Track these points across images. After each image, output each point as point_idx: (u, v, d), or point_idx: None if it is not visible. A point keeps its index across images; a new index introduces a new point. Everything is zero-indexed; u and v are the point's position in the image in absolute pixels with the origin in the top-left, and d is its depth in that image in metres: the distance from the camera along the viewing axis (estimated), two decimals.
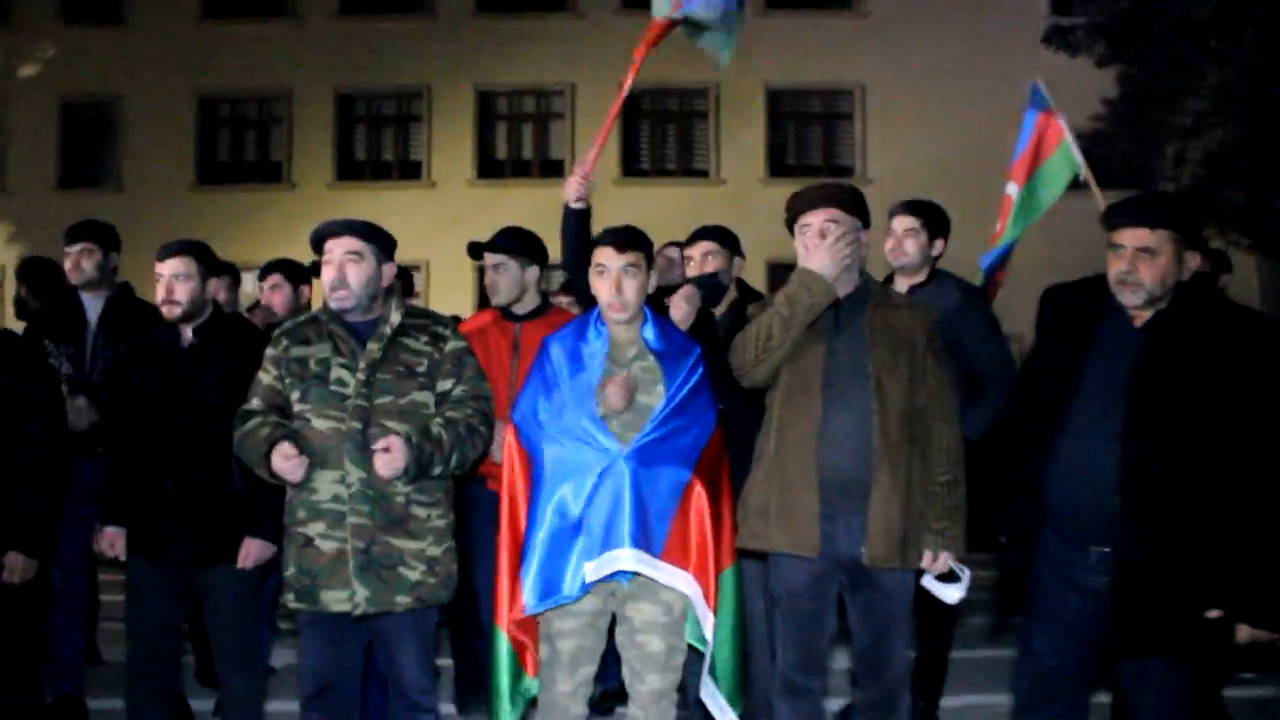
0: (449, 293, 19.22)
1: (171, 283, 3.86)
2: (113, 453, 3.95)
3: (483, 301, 15.53)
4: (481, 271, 5.31)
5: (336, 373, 3.48)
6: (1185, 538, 3.06)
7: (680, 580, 3.48)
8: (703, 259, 4.60)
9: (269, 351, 3.60)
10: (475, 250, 4.63)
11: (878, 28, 19.81)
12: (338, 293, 3.51)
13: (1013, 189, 6.37)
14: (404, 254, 5.30)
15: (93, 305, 4.82)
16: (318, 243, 3.58)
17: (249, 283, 6.42)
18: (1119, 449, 3.11)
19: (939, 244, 4.65)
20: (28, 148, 21.66)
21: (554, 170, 20.22)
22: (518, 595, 3.54)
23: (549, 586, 3.49)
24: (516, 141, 20.85)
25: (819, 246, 3.42)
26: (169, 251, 3.93)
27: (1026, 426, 3.35)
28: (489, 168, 20.63)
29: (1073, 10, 15.93)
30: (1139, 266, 3.15)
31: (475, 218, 19.30)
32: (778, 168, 20.31)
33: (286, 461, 3.35)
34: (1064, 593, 3.29)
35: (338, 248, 3.54)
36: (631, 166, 20.53)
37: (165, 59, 21.06)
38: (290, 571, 3.49)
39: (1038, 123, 6.29)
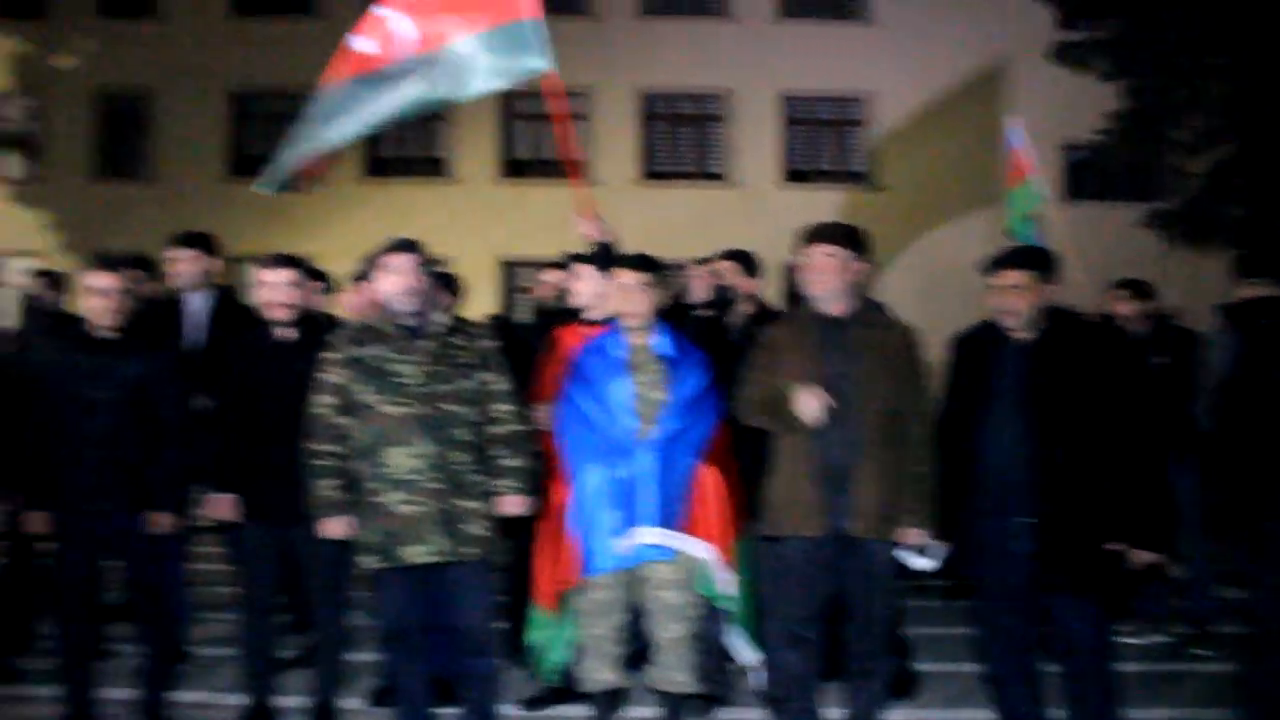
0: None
1: (279, 290, 4.56)
2: (222, 432, 4.64)
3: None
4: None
5: (398, 368, 4.19)
6: (1083, 498, 3.99)
7: (700, 548, 4.29)
8: (725, 275, 5.32)
9: (331, 354, 4.29)
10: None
11: (887, 37, 20.36)
12: (405, 298, 4.21)
13: None
14: (431, 249, 5.84)
15: (199, 305, 5.49)
16: (381, 256, 4.25)
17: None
18: (1028, 440, 4.00)
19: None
20: (64, 138, 22.35)
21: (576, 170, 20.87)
22: (560, 567, 4.38)
23: (589, 559, 4.31)
24: (541, 141, 21.47)
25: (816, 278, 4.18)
26: (275, 262, 4.61)
27: (954, 436, 4.19)
28: (514, 167, 21.29)
29: (1078, 26, 16.45)
30: (1013, 299, 4.06)
31: (499, 215, 20.01)
32: (792, 173, 20.91)
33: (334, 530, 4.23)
34: (1001, 562, 4.07)
35: (403, 261, 4.22)
36: (649, 169, 21.14)
37: (197, 53, 21.66)
38: (369, 535, 4.20)
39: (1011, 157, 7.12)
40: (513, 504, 4.31)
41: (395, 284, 4.23)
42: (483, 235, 19.64)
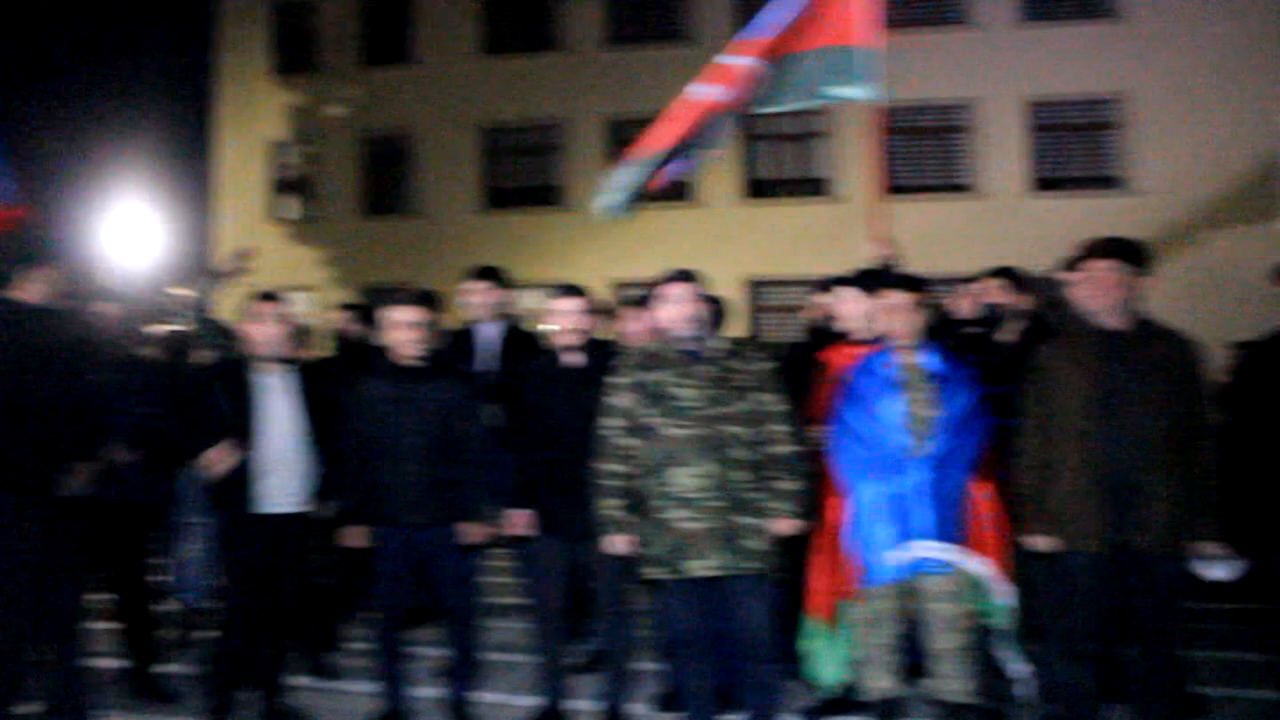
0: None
1: (570, 318, 4.90)
2: (517, 453, 5.00)
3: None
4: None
5: (680, 391, 4.42)
6: None
7: (973, 562, 4.37)
8: (993, 292, 5.36)
9: (618, 379, 4.57)
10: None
11: (1137, 34, 19.55)
12: (684, 324, 4.45)
13: None
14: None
15: (491, 334, 5.93)
16: (660, 286, 4.52)
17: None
18: None
19: None
20: (335, 180, 24.06)
21: (818, 189, 20.97)
22: (836, 580, 4.60)
23: (866, 572, 4.49)
24: (781, 161, 21.58)
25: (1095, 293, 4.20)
26: (565, 292, 4.97)
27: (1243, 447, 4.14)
28: (757, 187, 21.49)
29: None
30: None
31: (743, 237, 20.27)
32: (1041, 181, 20.26)
33: (618, 546, 4.50)
34: None
35: (681, 290, 4.47)
36: (894, 183, 20.88)
37: (451, 94, 22.96)
38: (653, 548, 4.45)
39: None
40: (785, 526, 4.48)
41: (675, 312, 4.48)
42: (728, 256, 19.95)
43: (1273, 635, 4.32)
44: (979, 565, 4.40)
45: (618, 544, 4.55)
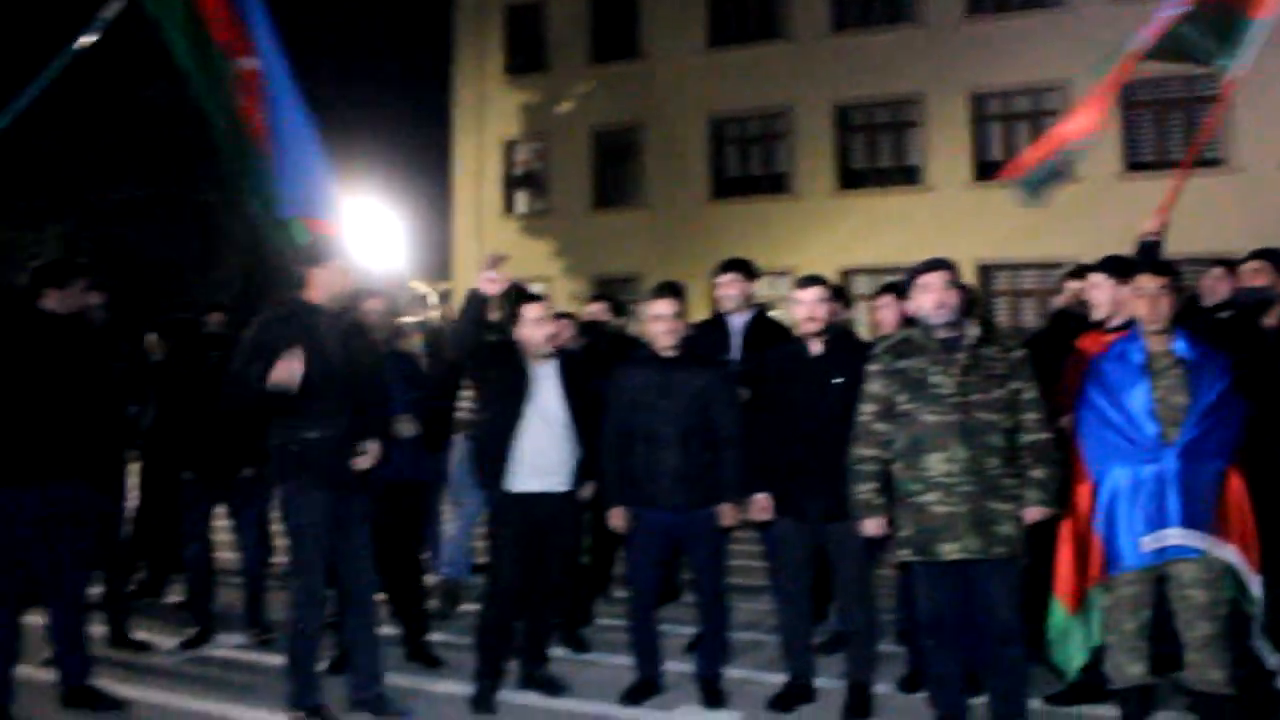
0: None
1: (812, 307, 5.06)
2: (759, 438, 5.19)
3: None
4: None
5: (935, 378, 4.50)
6: None
7: (1226, 551, 4.31)
8: (1252, 275, 5.19)
9: (874, 366, 4.69)
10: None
11: None
12: (940, 312, 4.52)
13: None
14: (908, 256, 6.11)
15: (739, 324, 6.14)
16: (916, 275, 4.60)
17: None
18: None
19: None
20: (567, 175, 24.88)
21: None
22: (1085, 565, 4.55)
23: (1116, 557, 4.44)
24: (1013, 142, 21.04)
25: None
26: (807, 282, 5.13)
27: None
28: (985, 170, 21.01)
29: None
30: None
31: (974, 220, 19.85)
32: None
33: (871, 529, 4.65)
34: None
35: (937, 279, 4.55)
36: (1133, 160, 20.14)
37: (678, 86, 23.37)
38: (907, 532, 4.55)
39: None
40: (1035, 514, 4.50)
41: (929, 300, 4.57)
42: (958, 240, 19.60)
43: None
44: (1231, 553, 4.31)
45: (870, 526, 4.68)
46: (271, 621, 6.52)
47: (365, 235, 20.58)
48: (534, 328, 5.28)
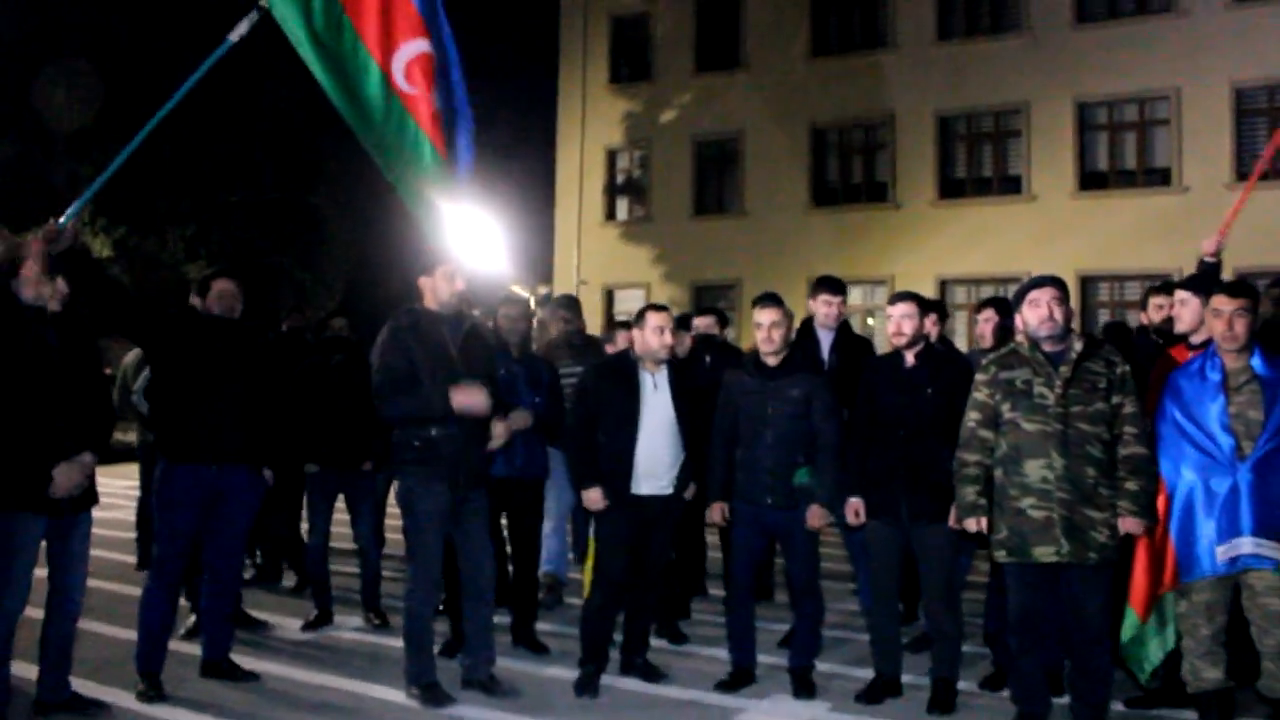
0: None
1: (901, 321, 5.32)
2: (853, 444, 5.45)
3: None
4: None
5: (1038, 389, 4.73)
6: None
7: None
8: None
9: (980, 376, 4.95)
10: None
11: None
12: (1046, 325, 4.76)
13: None
14: (1008, 267, 6.23)
15: (826, 335, 6.43)
16: (1027, 291, 4.86)
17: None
18: None
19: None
20: (667, 182, 25.23)
21: (1158, 179, 20.07)
22: (1160, 572, 4.78)
23: (1191, 565, 4.66)
24: (1118, 151, 20.85)
25: None
26: (898, 298, 5.39)
27: None
28: (1090, 180, 20.85)
29: None
30: None
31: (1076, 230, 19.74)
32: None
33: (970, 526, 4.87)
34: None
35: (1045, 295, 4.78)
36: (1243, 170, 19.70)
37: (779, 96, 23.58)
38: (1003, 534, 4.79)
39: None
40: (1130, 525, 4.68)
41: (1036, 315, 4.80)
42: (1060, 250, 19.52)
43: None
44: None
45: (972, 525, 4.89)
46: (385, 607, 6.94)
47: (471, 240, 21.15)
48: (654, 336, 5.59)
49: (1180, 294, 5.29)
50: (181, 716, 5.17)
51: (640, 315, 5.70)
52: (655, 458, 5.53)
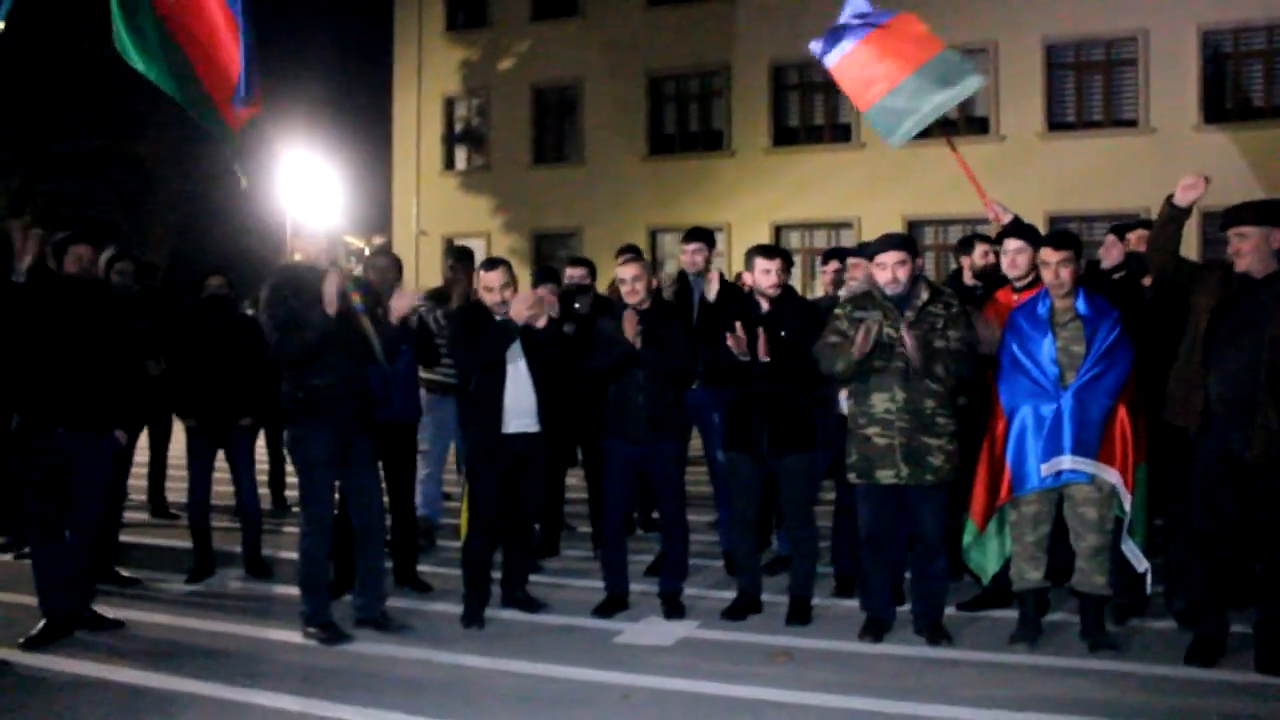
0: None
1: (766, 275, 5.81)
2: (715, 383, 5.95)
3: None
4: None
5: (885, 330, 5.31)
6: None
7: (1110, 474, 5.21)
8: (1138, 241, 6.04)
9: (839, 311, 5.53)
10: None
11: None
12: (890, 286, 5.37)
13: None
14: (837, 212, 6.59)
15: (697, 284, 6.92)
16: (875, 253, 5.45)
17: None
18: None
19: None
20: (506, 131, 25.27)
21: (1126, 121, 21.05)
22: (995, 487, 5.42)
23: (1023, 480, 5.32)
24: (1085, 93, 21.05)
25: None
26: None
27: None
28: (1057, 125, 21.04)
29: None
30: None
31: (904, 178, 20.53)
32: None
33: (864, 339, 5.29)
34: None
35: (890, 259, 5.35)
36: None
37: (617, 44, 23.79)
38: (853, 458, 5.40)
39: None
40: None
41: (883, 276, 5.41)
42: (890, 197, 20.40)
43: None
44: (1114, 476, 5.19)
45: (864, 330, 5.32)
46: (266, 557, 7.15)
47: (304, 190, 20.82)
48: (487, 294, 5.94)
49: (1009, 243, 5.86)
50: (87, 668, 5.25)
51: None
52: (521, 399, 5.88)
